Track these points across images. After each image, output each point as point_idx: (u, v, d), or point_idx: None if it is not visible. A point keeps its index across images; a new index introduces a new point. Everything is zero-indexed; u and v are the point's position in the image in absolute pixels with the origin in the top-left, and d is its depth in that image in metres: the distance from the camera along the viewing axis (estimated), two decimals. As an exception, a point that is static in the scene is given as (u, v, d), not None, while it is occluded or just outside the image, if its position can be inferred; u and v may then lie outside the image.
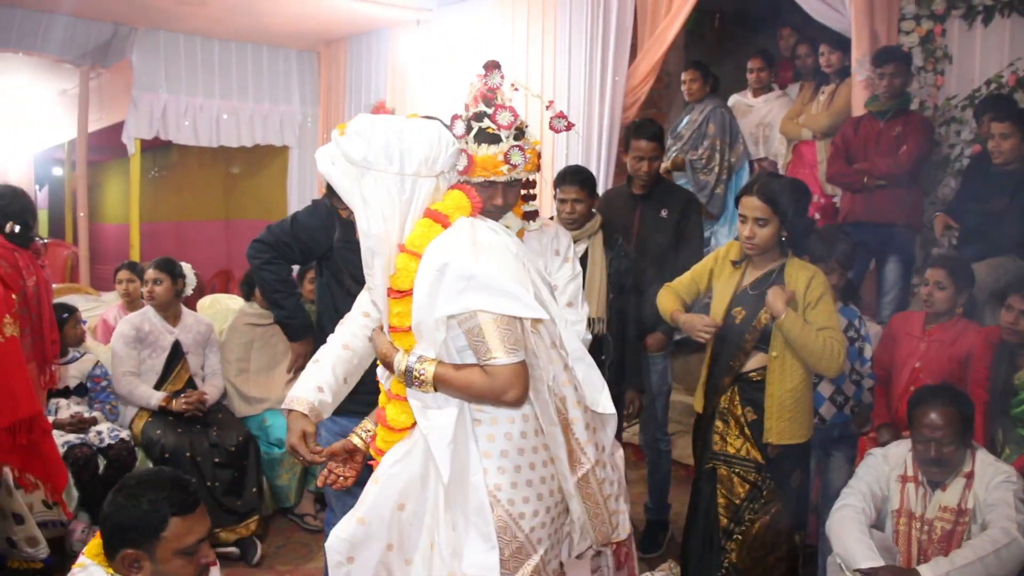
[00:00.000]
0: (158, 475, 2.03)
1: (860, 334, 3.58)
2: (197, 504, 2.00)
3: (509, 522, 2.04)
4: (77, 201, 7.92)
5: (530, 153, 2.31)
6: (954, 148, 4.51)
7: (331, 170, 2.07)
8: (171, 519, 1.94)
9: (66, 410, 4.09)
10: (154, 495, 1.94)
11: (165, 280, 4.35)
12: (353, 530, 2.12)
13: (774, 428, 2.98)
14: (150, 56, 7.20)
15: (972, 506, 2.78)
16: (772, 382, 2.99)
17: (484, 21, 6.32)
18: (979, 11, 4.42)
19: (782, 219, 2.96)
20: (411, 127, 2.11)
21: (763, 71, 5.69)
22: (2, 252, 3.33)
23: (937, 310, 3.50)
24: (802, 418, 3.01)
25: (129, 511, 1.94)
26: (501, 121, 2.28)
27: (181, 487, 1.99)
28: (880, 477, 2.96)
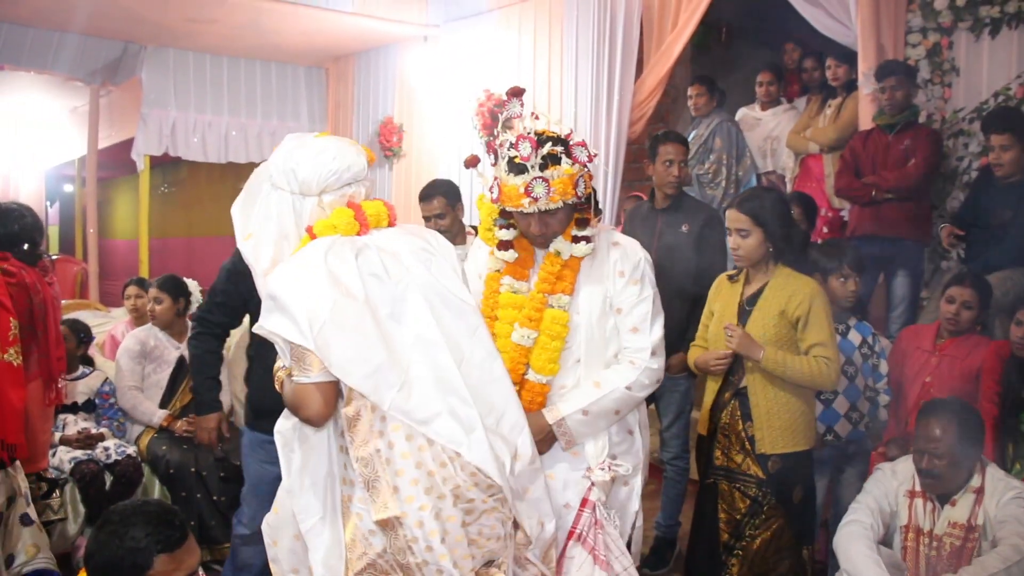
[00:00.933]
0: (143, 509, 1.93)
1: (874, 350, 3.55)
2: (185, 538, 1.91)
3: (357, 536, 2.05)
4: (87, 217, 7.97)
5: (559, 184, 2.34)
6: (962, 161, 4.49)
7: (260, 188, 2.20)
8: (157, 556, 1.85)
9: (73, 426, 4.10)
10: (138, 532, 1.85)
11: (166, 300, 4.38)
12: (272, 517, 2.22)
13: (766, 438, 2.96)
14: (159, 73, 7.27)
15: (982, 522, 2.75)
16: (755, 392, 3.00)
17: (491, 37, 6.36)
18: (986, 23, 4.41)
19: (765, 230, 2.98)
20: (304, 149, 2.16)
21: (772, 84, 5.69)
22: (13, 271, 3.35)
23: (961, 329, 3.46)
24: (797, 426, 2.98)
25: (113, 549, 1.85)
26: (522, 152, 2.33)
27: (166, 522, 1.90)
28: (888, 492, 2.93)
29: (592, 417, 2.46)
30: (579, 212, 2.49)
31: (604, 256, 2.53)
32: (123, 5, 6.06)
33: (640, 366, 2.48)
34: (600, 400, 2.45)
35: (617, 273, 2.51)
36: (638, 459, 2.62)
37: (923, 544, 2.83)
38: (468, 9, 6.52)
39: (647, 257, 2.59)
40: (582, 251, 2.50)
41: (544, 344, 2.48)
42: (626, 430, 2.60)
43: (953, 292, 3.47)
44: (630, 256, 2.54)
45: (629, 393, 2.47)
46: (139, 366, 4.33)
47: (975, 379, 3.39)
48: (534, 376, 2.49)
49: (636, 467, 2.60)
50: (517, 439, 2.10)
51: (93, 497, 3.86)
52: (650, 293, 2.54)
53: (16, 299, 3.24)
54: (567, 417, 2.44)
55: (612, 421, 2.51)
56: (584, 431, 2.47)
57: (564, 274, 2.50)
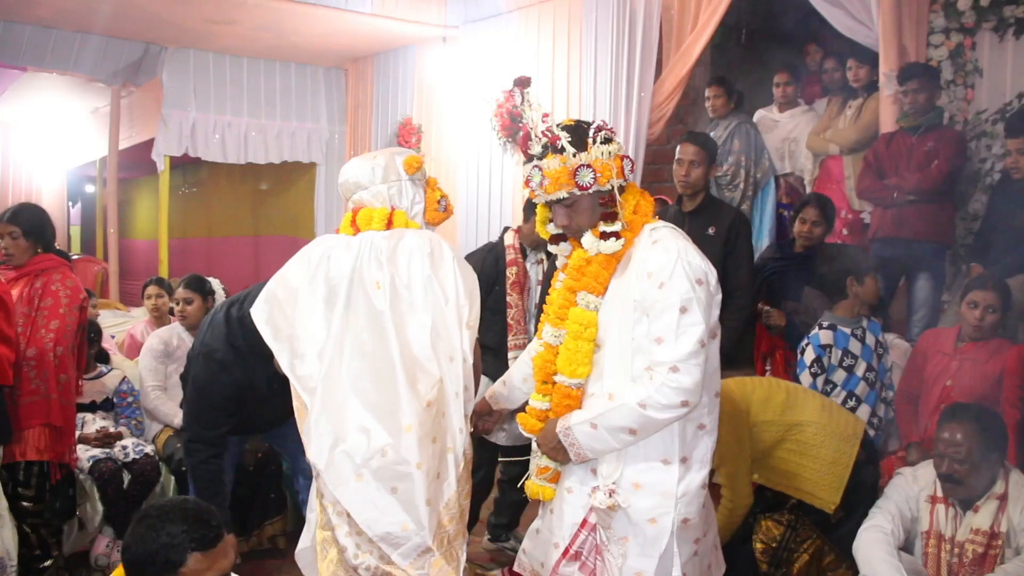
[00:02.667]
0: (181, 506, 1.95)
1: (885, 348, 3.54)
2: (220, 539, 1.93)
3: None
4: (108, 217, 8.03)
5: (553, 174, 2.29)
6: (985, 163, 4.44)
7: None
8: (191, 554, 1.87)
9: (92, 425, 4.12)
10: (174, 528, 1.87)
11: (196, 299, 4.40)
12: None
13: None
14: (180, 74, 7.32)
15: (1006, 529, 2.71)
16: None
17: (510, 38, 6.35)
18: (1010, 23, 4.35)
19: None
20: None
21: (789, 86, 5.65)
22: (62, 268, 3.51)
23: (985, 335, 3.42)
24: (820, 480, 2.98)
25: (148, 543, 1.87)
26: (529, 142, 2.38)
27: (203, 521, 1.91)
28: (910, 497, 2.90)
29: (601, 432, 2.26)
30: (605, 206, 2.34)
31: (640, 255, 2.32)
32: (144, 7, 6.11)
33: (658, 382, 2.19)
34: (607, 414, 2.24)
35: (645, 274, 2.26)
36: (666, 499, 2.27)
37: (945, 550, 2.80)
38: (487, 10, 6.52)
39: (687, 258, 2.26)
40: (608, 248, 2.33)
41: (568, 344, 2.36)
42: (660, 458, 2.30)
43: (976, 296, 3.43)
44: (660, 255, 2.27)
45: (642, 412, 2.20)
46: (162, 365, 4.35)
47: (997, 382, 3.35)
48: (559, 378, 2.37)
49: (660, 508, 2.27)
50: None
51: (111, 496, 3.87)
52: (677, 300, 2.21)
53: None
54: (574, 427, 2.30)
55: (627, 441, 2.26)
56: (595, 446, 2.28)
57: (591, 271, 2.36)
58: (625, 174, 2.33)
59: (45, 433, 3.37)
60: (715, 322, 2.30)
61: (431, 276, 2.48)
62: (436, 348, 2.46)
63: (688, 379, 2.18)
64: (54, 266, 3.50)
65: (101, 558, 3.89)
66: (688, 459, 2.29)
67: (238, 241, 10.10)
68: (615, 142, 2.32)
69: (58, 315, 3.41)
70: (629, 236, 2.35)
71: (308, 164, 8.26)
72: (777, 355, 4.11)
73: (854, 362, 3.46)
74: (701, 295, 2.22)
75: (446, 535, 2.40)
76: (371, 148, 7.75)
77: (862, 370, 3.45)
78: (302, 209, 8.65)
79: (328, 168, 8.20)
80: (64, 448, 3.47)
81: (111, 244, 7.83)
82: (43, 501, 3.45)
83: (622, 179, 2.32)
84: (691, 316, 2.20)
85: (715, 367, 2.34)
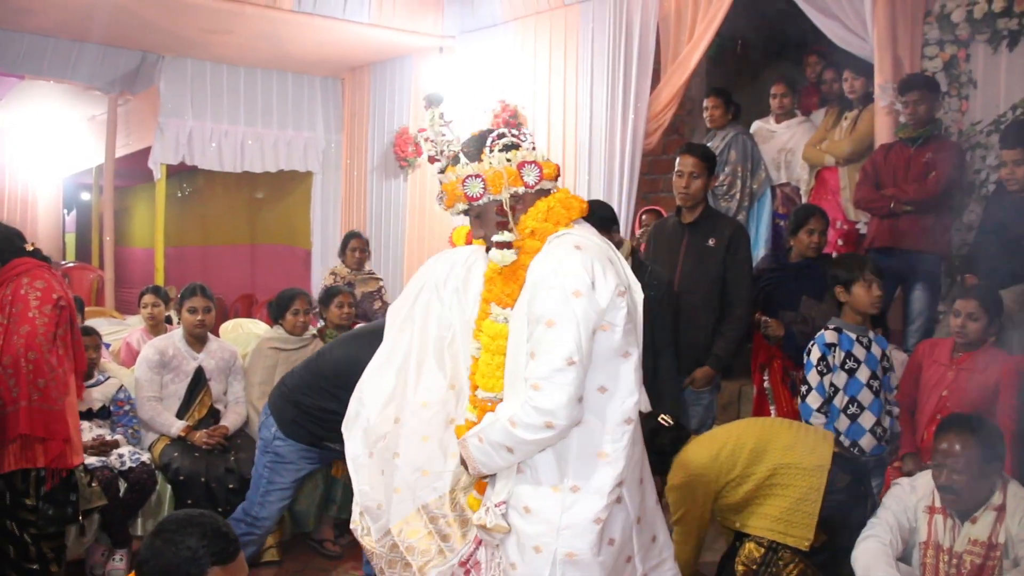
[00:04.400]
0: (198, 520, 1.92)
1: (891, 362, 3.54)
2: (237, 553, 1.93)
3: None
4: (103, 225, 8.03)
5: (448, 187, 2.30)
6: (979, 174, 4.47)
7: None
8: (211, 568, 1.86)
9: (88, 433, 4.10)
10: (193, 542, 1.85)
11: (213, 307, 4.46)
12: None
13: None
14: (177, 83, 7.34)
15: (1003, 540, 2.72)
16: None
17: (506, 48, 6.37)
18: (1004, 35, 4.38)
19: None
20: None
21: (786, 97, 5.67)
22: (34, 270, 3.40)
23: (970, 341, 3.45)
24: (791, 518, 2.99)
25: (168, 557, 1.85)
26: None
27: (222, 535, 1.90)
28: (908, 508, 2.91)
29: (486, 446, 2.17)
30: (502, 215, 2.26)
31: (531, 265, 2.21)
32: (141, 16, 6.12)
33: (522, 400, 2.08)
34: (487, 428, 2.16)
35: (531, 285, 2.17)
36: (549, 528, 2.14)
37: (943, 561, 2.80)
38: (484, 20, 6.54)
39: (564, 268, 2.11)
40: (497, 259, 2.26)
41: (483, 357, 2.30)
42: (551, 483, 2.16)
43: (958, 305, 3.48)
44: (540, 266, 2.16)
45: (511, 430, 2.09)
46: (158, 376, 4.34)
47: (992, 393, 3.37)
48: (478, 391, 2.33)
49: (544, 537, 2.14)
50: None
51: (107, 504, 3.85)
52: (544, 313, 2.09)
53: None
54: (468, 439, 2.23)
55: (508, 459, 2.15)
56: (485, 460, 2.19)
57: (499, 282, 2.29)
58: (526, 181, 2.23)
59: (17, 443, 3.25)
60: (622, 340, 2.14)
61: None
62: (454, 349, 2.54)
63: (547, 400, 2.05)
64: (25, 270, 3.36)
65: (96, 567, 3.87)
66: (580, 488, 2.14)
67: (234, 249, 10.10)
68: (522, 148, 2.26)
69: (27, 319, 3.26)
70: (535, 245, 2.22)
71: (304, 173, 8.27)
72: (775, 365, 4.11)
73: (857, 366, 3.46)
74: (576, 309, 2.06)
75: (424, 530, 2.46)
76: (367, 158, 7.76)
77: (865, 376, 3.45)
78: (298, 218, 8.66)
79: (324, 177, 8.22)
80: (54, 452, 3.31)
81: (107, 252, 7.83)
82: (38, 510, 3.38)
83: (519, 187, 2.23)
84: (557, 332, 2.06)
85: (629, 389, 2.17)
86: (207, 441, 4.20)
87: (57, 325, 3.33)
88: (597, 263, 2.12)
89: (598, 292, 2.09)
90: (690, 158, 3.96)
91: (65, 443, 3.32)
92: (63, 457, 3.34)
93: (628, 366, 2.16)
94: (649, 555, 2.33)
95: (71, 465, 3.39)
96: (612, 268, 2.17)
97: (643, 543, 2.30)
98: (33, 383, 3.25)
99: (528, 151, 2.27)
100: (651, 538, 2.36)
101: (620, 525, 2.21)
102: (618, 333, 2.13)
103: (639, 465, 2.30)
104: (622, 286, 2.14)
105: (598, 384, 2.14)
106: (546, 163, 2.27)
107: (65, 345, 3.39)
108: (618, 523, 2.20)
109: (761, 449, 3.05)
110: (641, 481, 2.30)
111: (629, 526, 2.23)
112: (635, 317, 2.22)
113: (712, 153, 4.15)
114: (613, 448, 2.15)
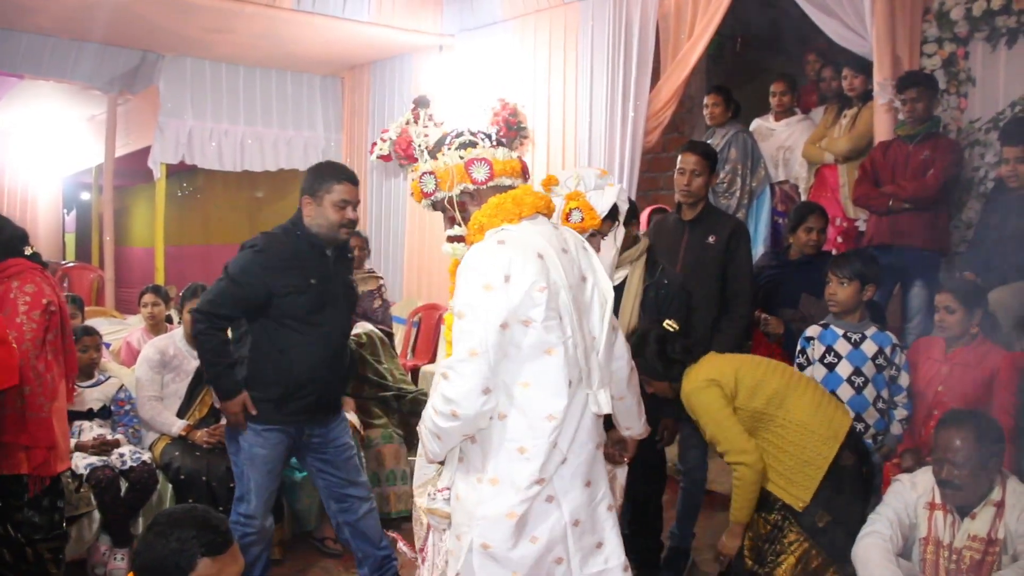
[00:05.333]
0: (191, 513, 1.96)
1: (893, 362, 3.51)
2: (229, 544, 1.94)
3: None
4: (103, 225, 8.04)
5: (413, 186, 2.39)
6: (978, 171, 4.47)
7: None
8: (200, 559, 1.88)
9: (89, 432, 4.11)
10: (183, 534, 1.88)
11: None
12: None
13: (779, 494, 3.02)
14: (177, 82, 7.34)
15: (1003, 536, 2.72)
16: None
17: (506, 47, 6.38)
18: (1003, 33, 4.38)
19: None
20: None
21: (785, 95, 5.68)
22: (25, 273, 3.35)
23: (951, 334, 3.48)
24: (794, 476, 2.98)
25: (159, 549, 1.88)
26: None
27: (212, 527, 1.93)
28: (908, 504, 2.91)
29: (424, 433, 2.26)
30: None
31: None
32: (141, 15, 6.12)
33: (437, 387, 2.18)
34: (423, 416, 2.26)
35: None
36: (468, 518, 2.21)
37: (943, 557, 2.81)
38: (483, 19, 6.55)
39: (476, 261, 2.18)
40: (448, 251, 2.38)
41: (446, 349, 2.33)
42: (475, 474, 2.22)
43: (936, 300, 3.53)
44: (465, 258, 2.24)
45: (433, 418, 2.18)
46: (159, 375, 4.35)
47: (987, 387, 3.39)
48: None
49: (463, 526, 2.22)
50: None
51: (108, 503, 3.86)
52: (456, 305, 2.18)
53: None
54: (420, 425, 2.30)
55: (441, 446, 2.24)
56: (428, 446, 2.27)
57: (453, 274, 2.33)
58: (474, 177, 2.28)
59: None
60: (542, 336, 2.14)
61: None
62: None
63: (451, 389, 2.11)
64: (17, 272, 3.28)
65: (98, 566, 3.88)
66: (499, 481, 2.17)
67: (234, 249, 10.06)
68: (479, 147, 2.31)
69: (14, 324, 3.18)
70: (480, 239, 2.27)
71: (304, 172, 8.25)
72: (774, 362, 4.12)
73: (836, 361, 3.45)
74: (485, 302, 2.11)
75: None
76: (367, 156, 7.78)
77: (846, 372, 3.43)
78: (298, 217, 8.65)
79: (324, 176, 8.21)
80: (38, 460, 3.23)
81: (107, 252, 7.83)
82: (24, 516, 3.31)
83: (466, 183, 2.29)
84: (466, 323, 2.13)
85: (555, 388, 2.16)
86: (208, 440, 4.20)
87: (47, 330, 3.26)
88: (518, 258, 2.13)
89: (512, 287, 2.11)
90: (692, 156, 3.96)
91: (49, 450, 3.24)
92: (47, 465, 3.26)
93: (553, 363, 2.15)
94: (590, 561, 2.26)
95: (54, 472, 3.30)
96: (538, 264, 2.14)
97: (583, 547, 2.23)
98: (18, 391, 3.16)
99: (484, 149, 2.31)
100: (595, 544, 2.28)
101: (548, 525, 2.19)
102: (536, 329, 2.13)
103: (586, 466, 2.25)
104: (542, 282, 2.12)
105: (522, 379, 2.16)
106: (502, 160, 2.30)
107: (55, 350, 3.31)
108: (545, 522, 2.19)
109: (783, 397, 3.00)
110: (588, 484, 2.26)
111: (562, 527, 2.20)
112: (568, 312, 2.18)
113: (713, 151, 4.16)
114: (533, 444, 2.15)
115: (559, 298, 2.16)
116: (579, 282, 2.25)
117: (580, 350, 2.20)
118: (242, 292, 3.28)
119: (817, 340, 3.53)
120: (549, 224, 2.30)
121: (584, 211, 2.65)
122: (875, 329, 3.52)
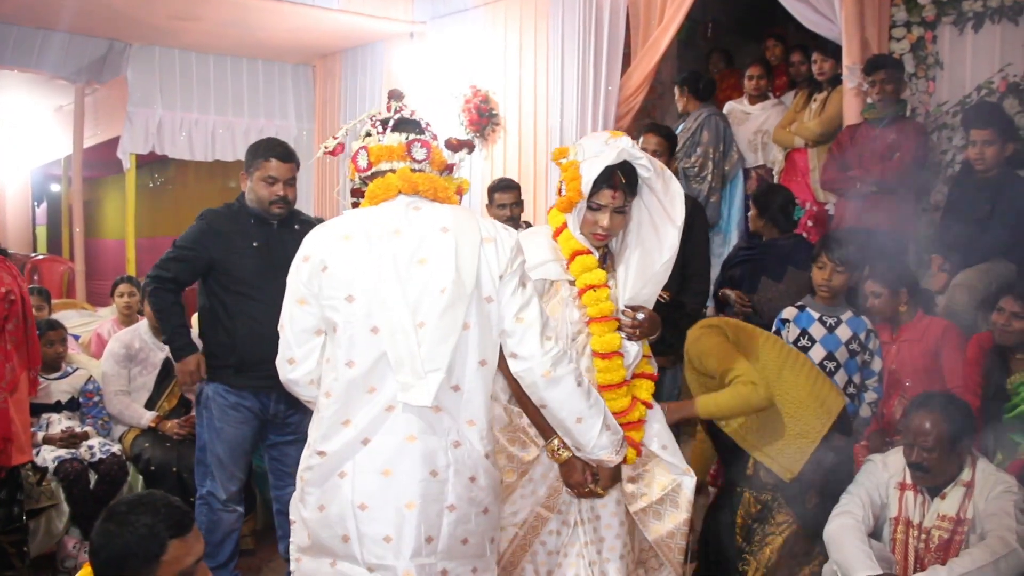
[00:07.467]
0: (149, 498, 1.93)
1: (867, 347, 3.52)
2: (192, 523, 1.94)
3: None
4: (73, 217, 7.94)
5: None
6: (946, 154, 4.51)
7: None
8: (170, 541, 1.85)
9: (57, 425, 4.07)
10: (149, 519, 1.85)
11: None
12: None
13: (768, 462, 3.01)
14: (145, 72, 7.24)
15: (971, 516, 2.75)
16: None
17: (477, 33, 6.35)
18: (969, 17, 4.42)
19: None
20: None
21: (762, 79, 5.69)
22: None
23: (885, 317, 3.60)
24: (787, 448, 2.99)
25: (125, 538, 1.84)
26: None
27: (174, 507, 1.91)
28: (879, 484, 2.93)
29: None
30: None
31: None
32: (108, 3, 6.03)
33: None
34: None
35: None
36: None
37: (912, 536, 2.83)
38: (454, 5, 6.52)
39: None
40: None
41: None
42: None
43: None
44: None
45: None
46: (125, 369, 4.31)
47: (934, 356, 3.51)
48: None
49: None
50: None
51: (77, 496, 3.84)
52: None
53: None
54: None
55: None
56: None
57: None
58: (358, 165, 2.33)
59: None
60: (319, 317, 2.16)
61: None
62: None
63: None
64: None
65: (68, 559, 3.85)
66: (310, 446, 2.23)
67: (207, 240, 9.99)
68: (404, 132, 2.32)
69: None
70: None
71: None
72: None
73: (810, 345, 3.46)
74: (291, 278, 2.20)
75: None
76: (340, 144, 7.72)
77: (819, 356, 3.44)
78: (271, 206, 8.58)
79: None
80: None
81: (77, 244, 7.73)
82: None
83: (353, 171, 2.37)
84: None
85: (334, 364, 2.15)
86: (179, 432, 4.17)
87: (6, 320, 3.22)
88: (324, 239, 2.19)
89: (307, 264, 2.17)
90: (653, 136, 3.99)
91: (6, 441, 3.18)
92: (4, 455, 3.21)
93: (335, 342, 2.14)
94: (380, 551, 2.09)
95: (11, 464, 3.24)
96: (335, 245, 2.16)
97: (370, 533, 2.08)
98: None
99: (375, 139, 2.33)
100: (383, 538, 2.10)
101: (335, 497, 2.12)
102: (313, 308, 2.16)
103: (393, 454, 2.11)
104: (325, 264, 2.14)
105: (328, 355, 2.20)
106: (381, 147, 2.30)
107: (16, 341, 3.27)
108: (333, 494, 2.12)
109: (778, 375, 3.02)
110: (386, 473, 2.11)
111: (348, 505, 2.10)
112: (368, 293, 2.11)
113: (673, 133, 4.20)
114: (319, 418, 2.21)
115: (357, 281, 2.11)
116: (409, 264, 2.14)
117: (385, 333, 2.09)
118: (183, 254, 3.44)
119: (792, 322, 3.53)
120: (401, 205, 2.23)
121: (566, 183, 2.61)
122: (851, 313, 3.52)
